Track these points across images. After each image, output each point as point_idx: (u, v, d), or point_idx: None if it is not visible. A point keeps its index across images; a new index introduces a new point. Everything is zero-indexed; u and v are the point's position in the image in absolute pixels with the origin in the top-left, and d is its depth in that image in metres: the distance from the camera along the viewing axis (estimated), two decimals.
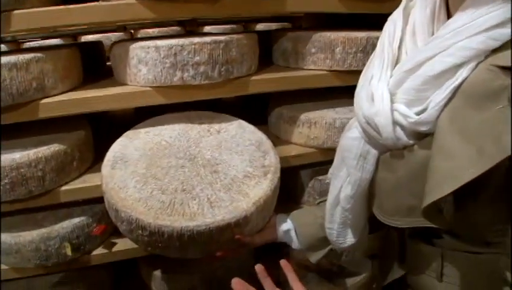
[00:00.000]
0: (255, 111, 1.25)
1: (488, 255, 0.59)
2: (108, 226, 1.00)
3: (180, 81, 0.94)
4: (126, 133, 0.97)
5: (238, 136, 0.99)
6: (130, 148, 0.92)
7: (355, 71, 1.05)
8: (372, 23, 1.07)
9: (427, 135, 0.55)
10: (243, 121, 1.05)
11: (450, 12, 0.57)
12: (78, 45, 1.29)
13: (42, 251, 0.93)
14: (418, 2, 0.61)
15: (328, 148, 1.08)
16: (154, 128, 0.99)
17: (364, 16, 1.13)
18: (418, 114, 0.54)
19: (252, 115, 1.14)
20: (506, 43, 0.48)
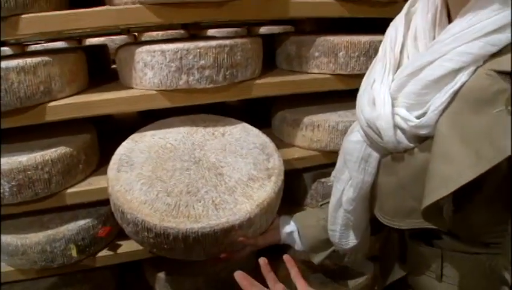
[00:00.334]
0: (258, 114, 1.27)
1: (487, 255, 0.61)
2: (113, 228, 1.03)
3: (186, 85, 0.96)
4: (131, 136, 0.99)
5: (242, 139, 1.02)
6: (135, 151, 0.94)
7: (358, 75, 1.07)
8: (375, 27, 1.10)
9: (427, 138, 0.57)
10: (247, 124, 1.07)
11: (451, 17, 0.59)
12: (84, 48, 1.31)
13: (48, 252, 0.96)
14: (419, 7, 0.63)
15: (331, 151, 1.10)
16: (160, 132, 1.01)
17: (367, 20, 1.15)
18: (418, 118, 0.56)
19: (255, 118, 1.16)
20: (505, 48, 0.50)
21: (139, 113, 1.47)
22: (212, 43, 0.96)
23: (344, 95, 1.11)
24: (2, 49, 1.82)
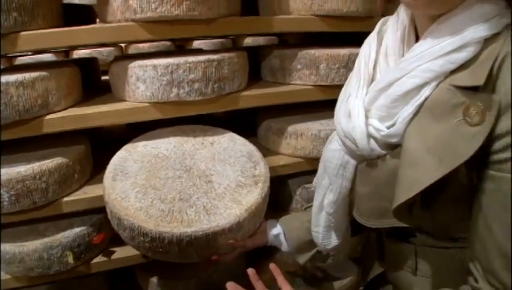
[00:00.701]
0: (244, 124, 1.34)
1: (456, 249, 0.68)
2: (107, 235, 1.08)
3: (176, 98, 1.03)
4: (125, 146, 1.06)
5: (230, 148, 1.09)
6: (129, 160, 1.01)
7: (338, 85, 1.14)
8: (354, 39, 1.19)
9: (398, 145, 0.65)
10: (234, 134, 1.15)
11: (419, 35, 0.67)
12: (75, 61, 1.36)
13: (45, 259, 1.00)
14: (390, 26, 0.71)
15: (314, 158, 1.18)
16: (151, 142, 1.08)
17: (346, 33, 1.24)
18: (388, 128, 0.64)
19: (241, 127, 1.23)
20: (462, 66, 0.58)
21: (127, 124, 1.53)
22: (201, 58, 1.03)
23: (325, 104, 1.18)
24: None
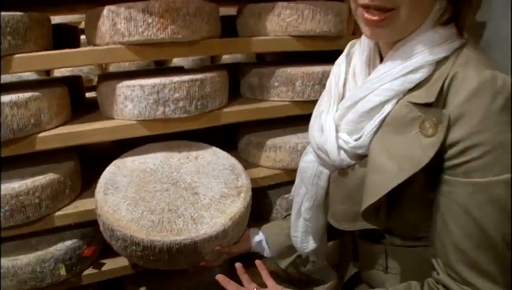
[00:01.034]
0: (225, 138, 1.44)
1: (420, 247, 0.77)
2: (97, 247, 1.15)
3: (162, 115, 1.12)
4: (114, 162, 1.13)
5: (213, 162, 1.18)
6: (119, 175, 1.08)
7: (313, 101, 1.25)
8: (327, 56, 1.31)
9: (365, 156, 0.75)
10: (216, 148, 1.24)
11: (383, 57, 0.76)
12: (60, 79, 1.43)
13: (38, 272, 1.06)
14: (357, 49, 0.82)
15: (292, 169, 1.27)
16: (139, 157, 1.16)
17: (319, 51, 1.36)
18: (356, 140, 0.74)
19: (223, 142, 1.33)
20: (418, 85, 0.68)
21: (111, 142, 1.60)
22: (185, 78, 1.12)
23: (302, 119, 1.28)
24: None
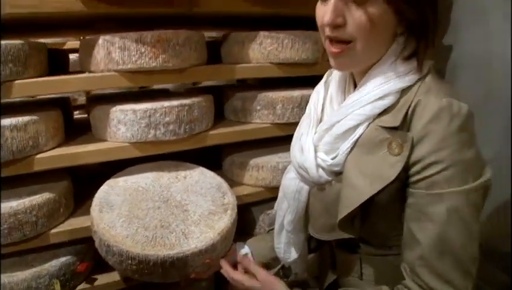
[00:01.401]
0: (210, 158, 1.55)
1: (392, 256, 0.87)
2: (90, 263, 1.23)
3: (153, 138, 1.22)
4: (107, 182, 1.22)
5: (201, 181, 1.28)
6: (112, 194, 1.17)
7: (293, 123, 1.39)
8: (306, 81, 1.45)
9: (340, 173, 0.85)
10: (203, 168, 1.35)
11: (357, 85, 0.87)
12: (51, 101, 1.51)
13: (33, 288, 1.12)
14: (333, 77, 0.94)
15: (274, 187, 1.38)
16: (131, 177, 1.25)
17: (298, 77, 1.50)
18: (332, 159, 0.85)
19: (207, 162, 1.43)
20: (385, 110, 0.79)
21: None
22: (175, 103, 1.23)
23: (282, 140, 1.39)
24: None
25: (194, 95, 1.35)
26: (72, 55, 1.77)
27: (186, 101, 1.25)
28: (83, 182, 1.38)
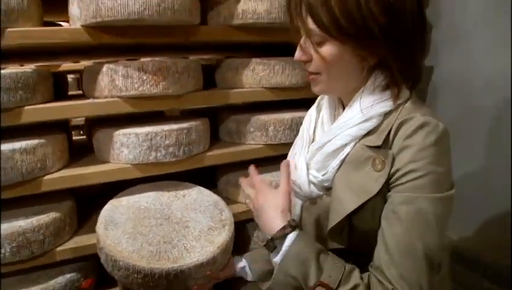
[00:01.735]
0: (206, 177, 1.64)
1: None
2: (93, 279, 1.30)
3: (154, 160, 1.31)
4: (111, 201, 1.31)
5: (199, 199, 1.38)
6: (116, 213, 1.26)
7: (285, 144, 1.51)
8: (297, 103, 1.55)
9: (330, 188, 0.95)
10: (201, 187, 1.44)
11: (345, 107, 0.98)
12: (54, 124, 1.59)
13: None
14: (325, 102, 1.05)
15: None
16: (133, 197, 1.34)
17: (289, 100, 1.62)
18: (323, 175, 0.95)
19: (202, 181, 1.53)
20: (370, 131, 0.89)
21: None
22: (174, 126, 1.33)
23: (275, 159, 1.49)
24: None
25: (191, 119, 1.45)
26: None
27: (185, 125, 1.36)
28: (84, 201, 1.46)
